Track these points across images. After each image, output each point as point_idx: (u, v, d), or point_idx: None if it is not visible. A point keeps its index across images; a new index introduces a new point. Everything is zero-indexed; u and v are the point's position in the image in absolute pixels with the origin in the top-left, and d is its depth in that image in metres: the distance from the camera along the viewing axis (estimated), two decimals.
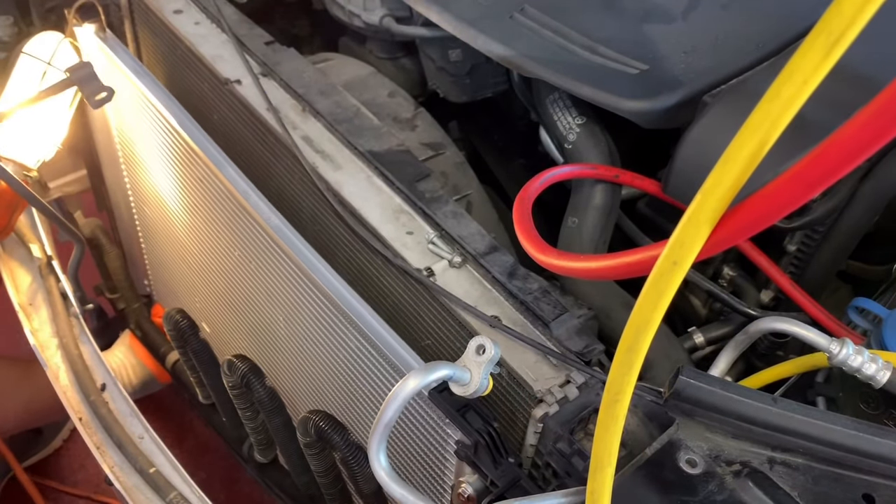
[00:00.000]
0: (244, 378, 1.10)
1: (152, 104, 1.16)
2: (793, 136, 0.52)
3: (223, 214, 1.13)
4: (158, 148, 1.24)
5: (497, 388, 0.83)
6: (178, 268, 1.45)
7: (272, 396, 1.12)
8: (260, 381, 1.10)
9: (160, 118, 1.17)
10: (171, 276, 1.53)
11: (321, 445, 1.04)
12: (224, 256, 1.21)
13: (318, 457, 1.07)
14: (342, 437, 0.98)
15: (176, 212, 1.31)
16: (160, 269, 1.60)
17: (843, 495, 0.62)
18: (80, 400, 1.32)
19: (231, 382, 1.13)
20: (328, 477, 1.11)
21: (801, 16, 1.02)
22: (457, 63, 1.25)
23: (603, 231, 1.04)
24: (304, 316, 1.05)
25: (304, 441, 1.04)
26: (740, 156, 0.43)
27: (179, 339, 1.25)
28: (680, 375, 0.62)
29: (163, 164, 1.25)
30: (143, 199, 1.46)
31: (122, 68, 1.20)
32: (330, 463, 1.08)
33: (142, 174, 1.38)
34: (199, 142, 1.08)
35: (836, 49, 0.37)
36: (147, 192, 1.40)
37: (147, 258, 1.63)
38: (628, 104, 0.97)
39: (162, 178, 1.29)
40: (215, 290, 1.32)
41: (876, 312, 0.87)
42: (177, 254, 1.41)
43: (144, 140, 1.29)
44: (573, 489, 0.68)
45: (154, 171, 1.31)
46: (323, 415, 0.99)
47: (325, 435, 0.99)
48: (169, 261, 1.50)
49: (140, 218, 1.54)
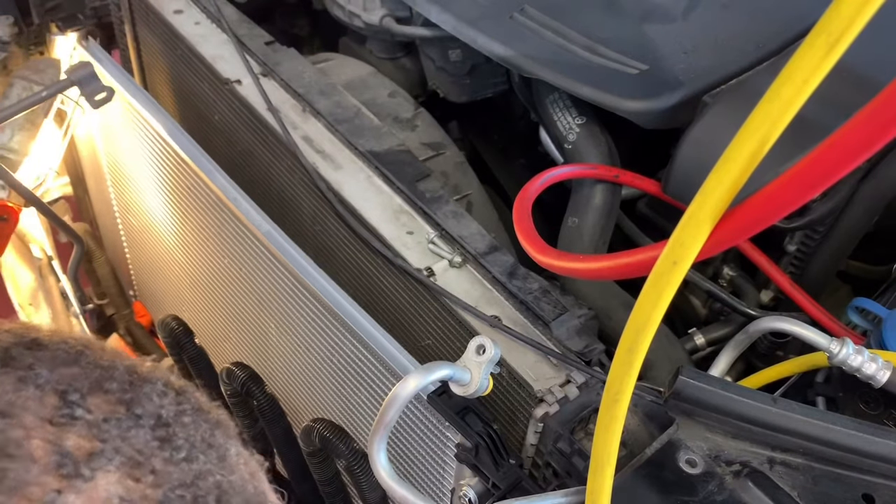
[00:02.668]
0: (244, 386, 1.08)
1: (138, 112, 1.14)
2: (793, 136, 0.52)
3: (212, 222, 1.11)
4: (144, 157, 1.22)
5: (497, 387, 0.83)
6: (165, 278, 1.43)
7: (272, 404, 1.11)
8: (260, 389, 1.08)
9: (146, 126, 1.15)
10: (158, 286, 1.50)
11: (325, 454, 1.03)
12: (213, 264, 1.19)
13: (322, 465, 1.05)
14: (346, 445, 0.97)
15: (163, 220, 1.28)
16: (146, 279, 1.57)
17: (843, 495, 0.62)
18: None
19: (230, 391, 1.11)
20: (332, 486, 1.09)
21: (801, 16, 1.02)
22: (457, 63, 1.25)
23: (603, 231, 1.04)
24: (298, 322, 1.04)
25: (307, 450, 1.03)
26: (740, 156, 0.43)
27: (175, 345, 1.21)
28: (680, 375, 0.62)
29: (149, 173, 1.23)
30: (128, 208, 1.43)
31: (107, 78, 1.19)
32: (333, 471, 1.07)
33: (127, 184, 1.36)
34: (187, 150, 1.06)
35: (835, 49, 0.37)
36: (132, 201, 1.38)
37: (132, 268, 1.61)
38: (628, 104, 0.97)
39: (148, 187, 1.27)
40: (205, 298, 1.30)
41: (876, 312, 0.87)
42: (164, 264, 1.39)
43: (130, 149, 1.27)
44: (573, 489, 0.68)
45: (140, 180, 1.29)
46: (327, 423, 0.98)
47: (329, 444, 0.97)
48: (155, 271, 1.47)
49: (125, 228, 1.51)
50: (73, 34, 1.28)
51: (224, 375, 1.10)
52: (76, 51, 1.29)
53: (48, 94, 1.19)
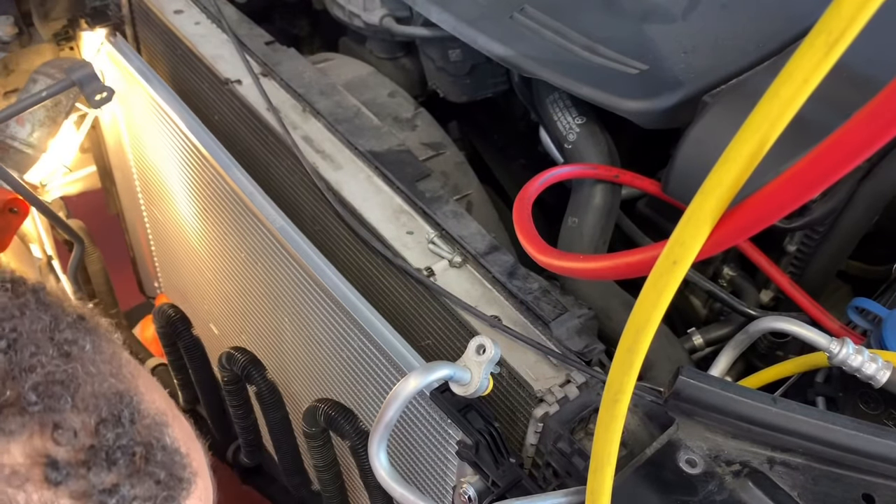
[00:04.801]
0: (244, 370, 1.08)
1: (161, 108, 1.17)
2: (793, 136, 0.52)
3: (231, 216, 1.13)
4: (167, 151, 1.24)
5: (497, 387, 0.83)
6: (188, 271, 1.45)
7: (272, 390, 1.11)
8: (261, 374, 1.09)
9: (169, 121, 1.17)
10: (181, 279, 1.53)
11: (326, 437, 1.03)
12: (231, 258, 1.21)
13: (321, 450, 1.05)
14: (352, 424, 0.97)
15: (185, 214, 1.31)
16: (170, 271, 1.60)
17: (843, 495, 0.62)
18: None
19: (227, 377, 1.11)
20: (329, 472, 1.09)
21: (801, 16, 1.02)
22: (457, 63, 1.25)
23: (603, 231, 1.04)
24: (309, 316, 1.05)
25: (309, 431, 1.02)
26: (740, 155, 0.43)
27: (171, 335, 1.21)
28: (680, 375, 0.62)
29: (172, 166, 1.26)
30: (152, 201, 1.46)
31: (133, 73, 1.21)
32: (332, 457, 1.07)
33: (152, 178, 1.38)
34: (207, 145, 1.09)
35: (835, 49, 0.37)
36: (157, 194, 1.40)
37: (157, 261, 1.64)
38: (628, 104, 0.97)
39: (172, 182, 1.29)
40: (224, 291, 1.32)
41: (876, 312, 0.87)
42: (187, 257, 1.41)
43: (154, 143, 1.29)
44: (573, 489, 0.69)
45: (164, 174, 1.31)
46: (332, 403, 0.98)
47: (334, 423, 0.97)
48: (179, 264, 1.50)
49: (150, 220, 1.54)
50: (101, 30, 1.29)
51: (224, 359, 1.10)
52: (104, 46, 1.29)
53: (48, 94, 1.19)
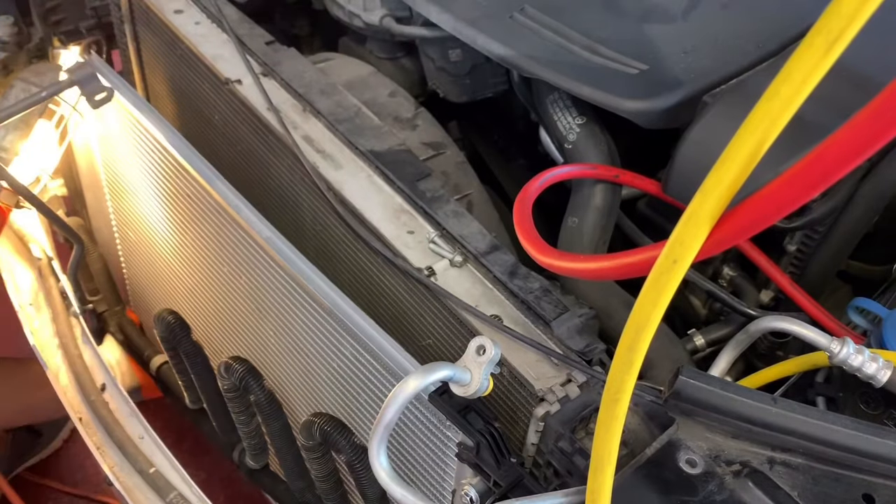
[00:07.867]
0: (242, 380, 1.07)
1: (138, 122, 1.14)
2: (793, 136, 0.53)
3: (213, 230, 1.10)
4: (144, 167, 1.21)
5: (498, 387, 0.83)
6: (163, 290, 1.41)
7: (271, 399, 1.10)
8: (258, 384, 1.08)
9: (146, 136, 1.15)
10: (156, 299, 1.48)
11: (324, 449, 1.03)
12: (214, 273, 1.18)
13: (320, 461, 1.05)
14: (347, 439, 0.97)
15: (162, 231, 1.27)
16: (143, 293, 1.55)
17: (843, 495, 0.62)
18: (80, 400, 1.32)
19: (227, 385, 1.10)
20: (328, 482, 1.09)
21: (801, 16, 1.02)
22: (457, 63, 1.25)
23: (603, 231, 1.04)
24: (300, 326, 1.03)
25: (306, 445, 1.03)
26: (740, 155, 0.43)
27: (171, 340, 1.20)
28: (680, 375, 0.62)
29: (149, 183, 1.22)
30: (126, 222, 1.41)
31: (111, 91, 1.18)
32: (331, 468, 1.07)
33: (126, 196, 1.34)
34: (188, 158, 1.05)
35: (834, 48, 0.37)
36: (131, 213, 1.36)
37: (129, 284, 1.59)
38: (628, 104, 0.97)
39: (147, 198, 1.26)
40: (204, 308, 1.28)
41: (876, 312, 0.87)
42: (163, 276, 1.37)
43: (129, 160, 1.25)
44: (574, 489, 0.68)
45: (139, 191, 1.27)
46: (328, 417, 0.98)
47: (330, 438, 0.97)
48: (153, 284, 1.45)
49: (122, 242, 1.49)
50: (75, 47, 1.28)
51: (222, 370, 1.09)
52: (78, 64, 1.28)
53: (48, 94, 1.19)
